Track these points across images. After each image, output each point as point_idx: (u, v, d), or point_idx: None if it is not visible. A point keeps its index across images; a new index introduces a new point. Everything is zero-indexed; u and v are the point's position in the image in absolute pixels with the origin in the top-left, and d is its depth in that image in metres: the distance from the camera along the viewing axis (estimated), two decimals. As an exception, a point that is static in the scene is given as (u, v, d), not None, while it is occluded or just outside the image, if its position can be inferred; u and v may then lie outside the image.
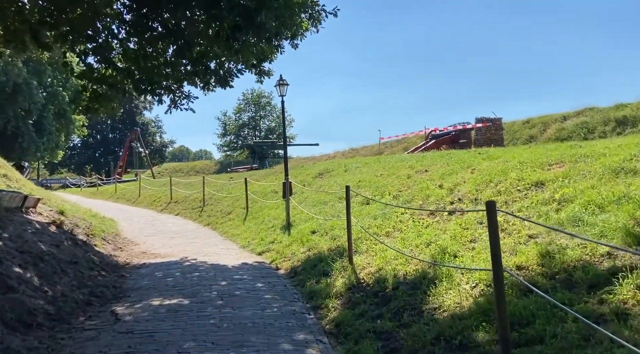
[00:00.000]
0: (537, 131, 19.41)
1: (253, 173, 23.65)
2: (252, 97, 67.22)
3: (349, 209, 6.91)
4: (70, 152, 68.29)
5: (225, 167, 50.64)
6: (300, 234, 9.53)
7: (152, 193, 23.15)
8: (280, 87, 14.12)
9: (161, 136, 74.78)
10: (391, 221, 7.94)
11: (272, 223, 11.74)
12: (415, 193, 8.93)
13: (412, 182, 9.92)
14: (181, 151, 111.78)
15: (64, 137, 45.12)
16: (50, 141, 39.02)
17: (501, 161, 8.51)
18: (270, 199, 14.76)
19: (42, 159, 43.81)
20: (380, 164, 13.44)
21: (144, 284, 6.93)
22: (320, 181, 14.38)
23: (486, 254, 5.27)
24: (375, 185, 10.95)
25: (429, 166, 10.88)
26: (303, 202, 12.45)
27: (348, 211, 6.91)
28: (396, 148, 26.19)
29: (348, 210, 6.91)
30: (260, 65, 11.88)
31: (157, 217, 17.34)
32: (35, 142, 36.54)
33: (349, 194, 6.91)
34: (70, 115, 43.53)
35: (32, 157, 39.40)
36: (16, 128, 36.00)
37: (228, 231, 13.01)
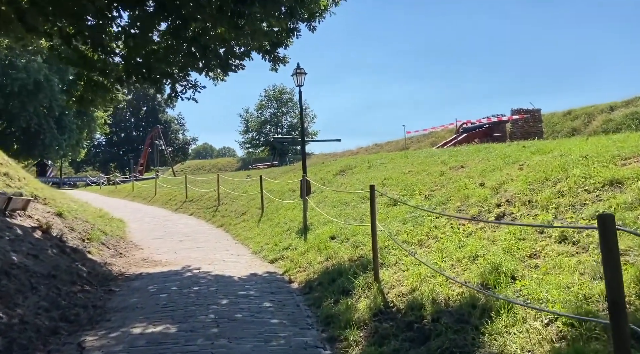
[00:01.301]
0: (581, 123, 17.67)
1: (271, 170, 22.63)
2: (273, 93, 66.37)
3: (374, 212, 5.69)
4: (95, 150, 69.01)
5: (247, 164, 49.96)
6: (318, 239, 8.36)
7: (168, 191, 22.40)
8: (297, 76, 12.99)
9: (184, 133, 74.86)
10: (424, 227, 6.68)
11: (288, 226, 10.61)
12: (452, 193, 7.63)
13: (446, 180, 8.62)
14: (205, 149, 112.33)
15: (86, 134, 45.15)
16: (71, 138, 38.98)
17: (556, 155, 7.12)
18: (288, 198, 13.65)
19: (65, 157, 43.93)
20: (408, 160, 12.13)
21: (132, 302, 5.88)
22: (342, 178, 13.18)
23: (558, 277, 3.98)
24: (403, 183, 9.68)
25: (465, 161, 9.54)
26: (322, 203, 11.28)
27: (373, 214, 5.69)
28: (423, 143, 24.70)
29: (373, 214, 5.69)
30: (275, 51, 10.75)
31: (169, 217, 16.47)
32: (57, 139, 36.49)
33: (374, 194, 5.69)
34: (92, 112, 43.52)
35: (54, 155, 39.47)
36: (38, 125, 36.00)
37: (241, 234, 11.95)
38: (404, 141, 26.03)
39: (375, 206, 5.73)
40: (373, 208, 5.71)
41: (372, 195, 5.69)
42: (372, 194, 5.69)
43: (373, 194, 5.69)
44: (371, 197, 5.70)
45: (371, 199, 5.70)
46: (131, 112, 69.81)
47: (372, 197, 5.70)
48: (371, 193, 5.70)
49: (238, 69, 10.59)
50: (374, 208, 5.71)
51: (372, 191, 5.69)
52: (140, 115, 70.19)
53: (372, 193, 5.69)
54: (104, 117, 47.55)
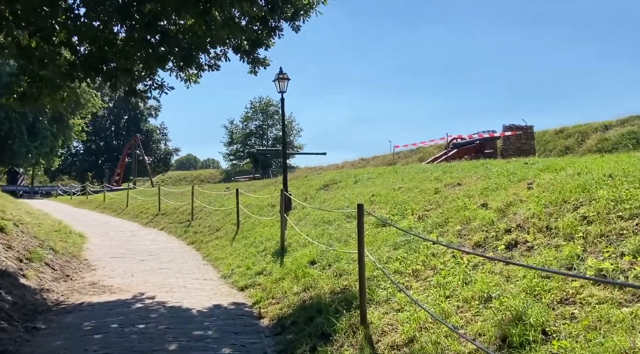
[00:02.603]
0: (574, 141, 17.01)
1: (252, 183, 21.47)
2: (259, 105, 65.50)
3: (361, 237, 4.63)
4: (72, 159, 66.77)
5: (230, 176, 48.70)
6: (296, 264, 7.25)
7: (141, 204, 21.02)
8: (279, 81, 11.98)
9: (166, 143, 73.07)
10: (419, 254, 5.64)
11: (264, 245, 9.48)
12: (449, 214, 6.63)
13: (441, 198, 7.63)
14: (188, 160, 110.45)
15: (61, 142, 43.38)
16: (44, 145, 37.22)
17: (571, 174, 6.18)
18: (266, 214, 12.52)
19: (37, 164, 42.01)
20: (398, 175, 11.15)
21: (54, 347, 4.68)
22: (326, 194, 12.12)
23: (609, 336, 2.95)
24: (393, 201, 8.66)
25: (461, 178, 8.58)
26: (303, 220, 10.19)
27: (361, 239, 4.63)
28: (411, 158, 23.85)
29: (361, 239, 4.63)
30: (254, 51, 9.75)
31: (137, 232, 15.14)
32: (27, 145, 34.72)
33: (362, 215, 4.64)
34: (68, 119, 41.88)
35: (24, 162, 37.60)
36: (9, 130, 34.26)
37: (212, 253, 10.75)
38: (392, 155, 25.15)
39: (363, 229, 4.68)
40: (361, 232, 4.65)
41: (360, 216, 4.64)
42: (359, 215, 4.63)
43: (361, 215, 4.64)
44: (359, 219, 4.65)
45: (359, 221, 4.64)
46: (111, 120, 67.97)
47: (360, 218, 4.64)
48: (359, 214, 4.64)
49: (213, 69, 9.54)
50: (362, 232, 4.65)
51: (360, 212, 4.63)
52: (121, 124, 68.32)
53: (360, 214, 4.63)
54: (81, 124, 45.91)
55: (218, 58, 9.65)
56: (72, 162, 66.79)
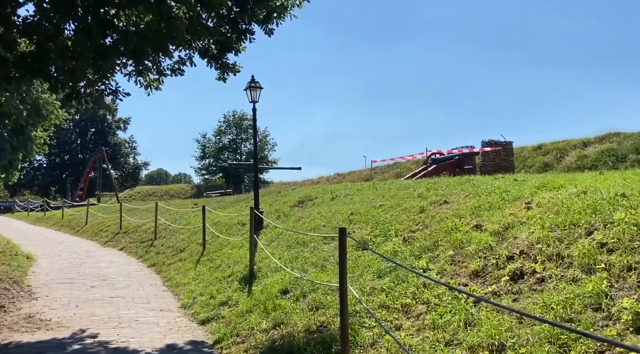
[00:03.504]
0: (553, 157, 16.76)
1: (223, 199, 20.41)
2: (233, 119, 64.38)
3: (343, 269, 3.82)
4: (34, 173, 63.82)
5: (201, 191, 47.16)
6: (266, 294, 6.36)
7: (101, 221, 19.63)
8: (251, 90, 11.18)
9: (135, 157, 70.85)
10: (409, 285, 4.86)
11: (231, 270, 8.53)
12: (438, 236, 5.91)
13: (428, 218, 6.91)
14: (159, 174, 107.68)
15: (22, 155, 41.09)
16: (2, 158, 35.04)
17: (575, 192, 5.56)
18: (235, 233, 11.57)
19: (-6, 178, 39.55)
20: (378, 192, 10.43)
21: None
22: (300, 211, 11.27)
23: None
24: (374, 220, 7.90)
25: (447, 195, 7.92)
26: (275, 241, 9.32)
27: (342, 272, 3.81)
28: (388, 174, 23.29)
29: (342, 271, 3.82)
30: (223, 56, 8.95)
31: (94, 252, 13.88)
32: (-18, 159, 32.56)
33: (345, 241, 3.83)
34: (29, 132, 39.77)
35: (-21, 176, 35.27)
36: (-38, 143, 32.08)
37: (174, 277, 9.71)
38: (369, 171, 24.55)
39: (345, 258, 3.87)
40: (343, 262, 3.83)
41: (343, 242, 3.82)
42: (342, 241, 3.82)
43: (344, 241, 3.83)
44: (341, 246, 3.83)
45: (340, 248, 3.83)
46: (77, 133, 65.49)
47: (343, 245, 3.83)
48: (341, 240, 3.83)
49: (176, 74, 8.67)
50: (344, 262, 3.84)
51: (343, 237, 3.82)
52: (88, 136, 65.88)
53: (343, 240, 3.82)
54: (44, 137, 43.75)
55: (183, 63, 8.82)
56: (34, 176, 63.85)
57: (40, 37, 6.12)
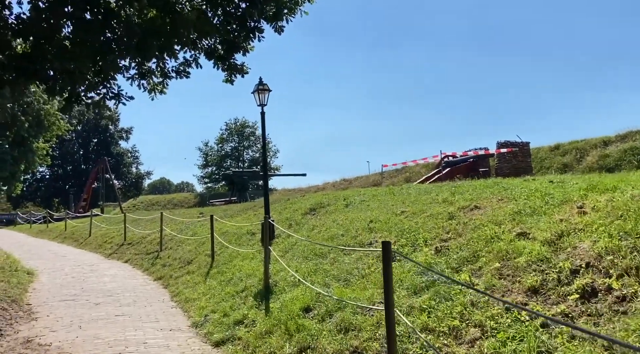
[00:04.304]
0: (572, 158, 16.15)
1: (228, 208, 19.85)
2: (235, 126, 63.99)
3: (389, 289, 3.24)
4: (37, 184, 63.44)
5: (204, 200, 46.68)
6: (286, 312, 5.78)
7: (105, 232, 19.09)
8: (259, 93, 10.66)
9: (137, 167, 70.42)
10: (454, 303, 4.28)
11: (244, 284, 7.96)
12: (477, 246, 5.33)
13: (460, 225, 6.34)
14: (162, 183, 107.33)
15: (24, 167, 40.69)
16: (3, 170, 34.64)
17: (631, 195, 4.97)
18: (245, 243, 11.01)
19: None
20: (396, 197, 9.86)
21: None
22: (313, 219, 10.70)
23: None
24: (397, 228, 7.33)
25: (476, 199, 7.34)
26: (290, 252, 8.74)
27: (388, 292, 3.23)
28: (396, 178, 22.70)
29: (388, 290, 3.24)
30: (231, 56, 8.46)
31: (97, 266, 13.32)
32: (-17, 171, 32.15)
33: (390, 258, 3.26)
34: (31, 143, 39.41)
35: (-19, 189, 34.81)
36: (-37, 156, 31.72)
37: (182, 292, 9.14)
38: (377, 175, 23.97)
39: (390, 277, 3.29)
40: (388, 282, 3.26)
41: (387, 258, 3.25)
42: (386, 257, 3.26)
43: (388, 256, 3.25)
44: (385, 263, 3.26)
45: (385, 265, 3.26)
46: (80, 144, 65.17)
47: (387, 262, 3.26)
48: (385, 256, 3.26)
49: (181, 76, 8.18)
50: (390, 282, 3.26)
51: (387, 252, 3.26)
52: (90, 147, 65.53)
53: (387, 255, 3.25)
54: (46, 148, 43.42)
55: (188, 64, 8.32)
56: (37, 188, 63.45)
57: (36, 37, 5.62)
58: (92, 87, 6.74)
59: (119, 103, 7.28)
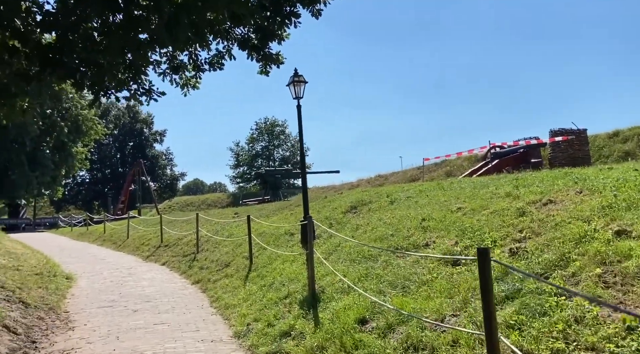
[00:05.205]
0: (635, 145, 14.83)
1: (263, 207, 19.46)
2: (265, 126, 64.07)
3: (489, 309, 2.53)
4: (78, 188, 65.45)
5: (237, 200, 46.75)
6: (339, 324, 5.14)
7: (142, 234, 19.02)
8: (295, 86, 10.07)
9: (172, 168, 71.64)
10: (551, 317, 3.53)
11: (287, 289, 7.38)
12: (565, 247, 4.53)
13: (535, 222, 5.53)
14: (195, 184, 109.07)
15: (65, 171, 41.86)
16: (45, 175, 35.63)
17: None
18: (284, 245, 10.46)
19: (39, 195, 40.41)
20: (447, 193, 9.07)
21: None
22: (356, 218, 10.03)
23: None
24: (456, 227, 6.56)
25: (549, 193, 6.48)
26: (334, 254, 8.10)
27: (488, 313, 2.53)
28: (436, 173, 21.72)
29: (488, 310, 2.54)
30: (265, 45, 7.87)
31: (135, 269, 13.09)
32: (27, 176, 33.08)
33: (489, 268, 2.55)
34: (70, 148, 40.48)
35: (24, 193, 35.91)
36: (7, 161, 32.76)
37: (221, 297, 8.66)
38: (415, 170, 23.04)
39: (491, 295, 2.58)
40: (488, 301, 2.55)
41: (485, 270, 2.55)
42: (484, 269, 2.55)
43: (486, 267, 2.55)
44: (483, 276, 2.56)
45: (483, 279, 2.55)
46: (117, 147, 66.80)
47: (485, 274, 2.55)
48: (482, 266, 2.56)
49: (215, 68, 7.67)
50: (490, 301, 2.55)
51: (485, 262, 2.55)
52: (126, 150, 67.10)
53: (485, 265, 2.54)
54: (85, 152, 44.57)
55: (221, 56, 7.79)
56: (78, 192, 65.46)
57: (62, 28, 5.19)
58: (123, 83, 6.30)
59: (150, 99, 6.83)
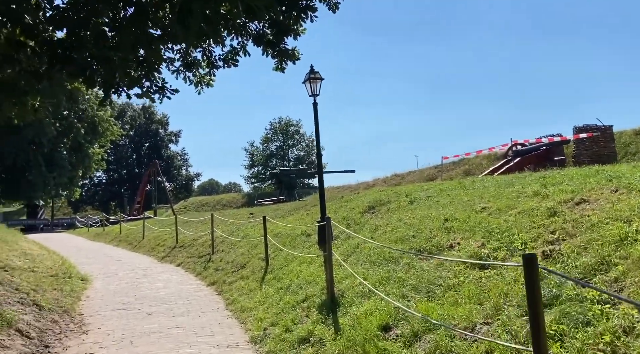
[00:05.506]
0: (663, 141, 14.27)
1: (278, 207, 19.26)
2: (279, 126, 64.00)
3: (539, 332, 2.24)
4: (95, 189, 66.25)
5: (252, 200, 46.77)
6: (361, 331, 4.88)
7: (158, 235, 19.00)
8: (311, 83, 9.81)
9: (187, 169, 72.07)
10: (596, 327, 3.22)
11: (305, 292, 7.15)
12: (604, 250, 4.21)
13: (568, 223, 5.19)
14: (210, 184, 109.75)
15: (81, 172, 42.32)
16: (62, 176, 36.02)
17: None
18: (300, 246, 10.23)
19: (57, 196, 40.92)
20: (469, 192, 8.73)
21: None
22: (374, 218, 9.74)
23: None
24: (481, 228, 6.24)
25: (581, 191, 6.12)
26: (352, 255, 7.84)
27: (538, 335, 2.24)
28: (454, 172, 21.28)
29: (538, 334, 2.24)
30: (281, 41, 7.67)
31: (151, 270, 13.01)
32: (44, 176, 33.48)
33: (536, 277, 2.27)
34: (87, 149, 40.90)
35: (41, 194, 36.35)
36: (25, 162, 33.20)
37: (237, 300, 8.47)
38: (432, 169, 22.64)
39: (540, 309, 2.29)
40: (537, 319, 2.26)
41: (533, 279, 2.26)
42: (531, 278, 2.27)
43: (534, 276, 2.26)
44: (530, 287, 2.27)
45: (530, 289, 2.27)
46: (132, 148, 67.45)
47: (532, 283, 2.27)
48: (529, 275, 2.27)
49: (229, 65, 7.48)
50: (539, 318, 2.27)
51: (532, 270, 2.26)
52: (142, 151, 67.69)
53: (532, 275, 2.26)
54: (101, 153, 45.01)
55: (236, 52, 7.60)
56: (95, 192, 66.25)
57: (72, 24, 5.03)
58: (136, 81, 6.14)
59: (163, 97, 6.67)
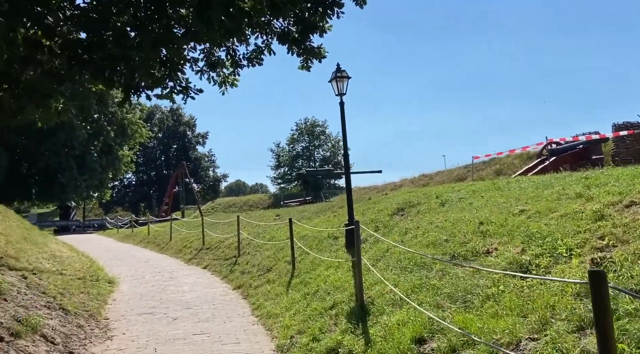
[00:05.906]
0: None
1: (304, 209, 19.06)
2: (305, 126, 64.03)
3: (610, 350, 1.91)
4: (125, 190, 67.80)
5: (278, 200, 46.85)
6: (393, 344, 4.59)
7: (185, 237, 19.11)
8: (337, 82, 9.54)
9: (214, 170, 72.96)
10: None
11: (332, 299, 6.89)
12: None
13: (618, 228, 4.76)
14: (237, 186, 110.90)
15: (112, 174, 43.29)
16: (93, 178, 36.91)
17: None
18: (327, 249, 9.98)
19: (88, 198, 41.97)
20: (504, 193, 8.29)
21: None
22: (404, 221, 9.40)
23: None
24: (521, 232, 5.84)
25: (628, 193, 5.66)
26: (382, 260, 7.53)
27: None
28: (485, 172, 20.62)
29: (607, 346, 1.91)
30: (306, 39, 7.43)
31: (177, 272, 13.01)
32: (76, 179, 34.36)
33: (607, 296, 1.94)
34: (117, 151, 41.80)
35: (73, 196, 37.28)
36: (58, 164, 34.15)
37: (263, 305, 8.29)
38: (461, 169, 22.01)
39: (611, 324, 1.97)
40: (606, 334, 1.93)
41: (601, 299, 1.93)
42: (599, 297, 1.94)
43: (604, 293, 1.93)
44: (598, 305, 1.94)
45: (599, 311, 1.94)
46: (161, 150, 68.75)
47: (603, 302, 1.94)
48: (595, 293, 1.94)
49: (253, 63, 7.29)
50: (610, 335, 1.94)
51: (601, 287, 1.93)
52: (171, 153, 68.91)
53: (602, 292, 1.93)
54: (130, 155, 45.91)
55: (260, 51, 7.40)
56: (125, 194, 67.82)
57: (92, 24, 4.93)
58: (158, 81, 6.02)
59: (187, 97, 6.54)
